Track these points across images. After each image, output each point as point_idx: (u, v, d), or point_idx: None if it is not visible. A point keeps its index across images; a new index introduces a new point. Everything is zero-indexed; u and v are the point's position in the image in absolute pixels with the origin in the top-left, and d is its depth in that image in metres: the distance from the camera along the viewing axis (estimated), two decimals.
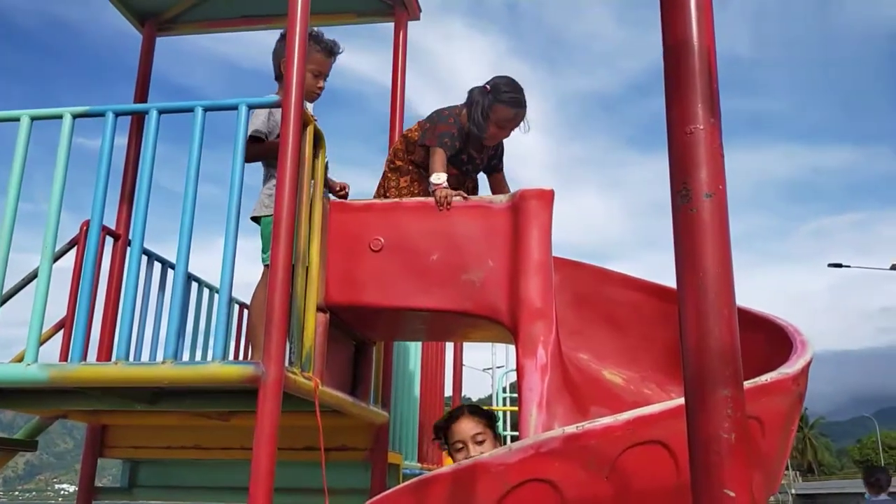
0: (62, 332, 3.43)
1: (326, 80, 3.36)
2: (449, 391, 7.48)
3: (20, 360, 2.69)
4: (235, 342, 4.39)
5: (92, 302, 2.86)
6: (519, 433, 2.65)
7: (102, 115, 2.81)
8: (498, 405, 11.81)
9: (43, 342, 2.88)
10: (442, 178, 3.22)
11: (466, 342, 7.00)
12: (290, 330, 2.59)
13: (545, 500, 2.11)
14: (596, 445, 2.10)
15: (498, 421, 2.99)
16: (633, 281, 3.49)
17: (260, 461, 2.30)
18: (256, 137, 3.11)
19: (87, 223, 3.13)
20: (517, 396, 2.86)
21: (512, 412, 11.27)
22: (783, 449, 2.54)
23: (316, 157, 2.91)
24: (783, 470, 2.75)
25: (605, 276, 3.53)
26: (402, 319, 3.42)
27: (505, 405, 11.73)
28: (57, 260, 3.12)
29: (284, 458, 2.57)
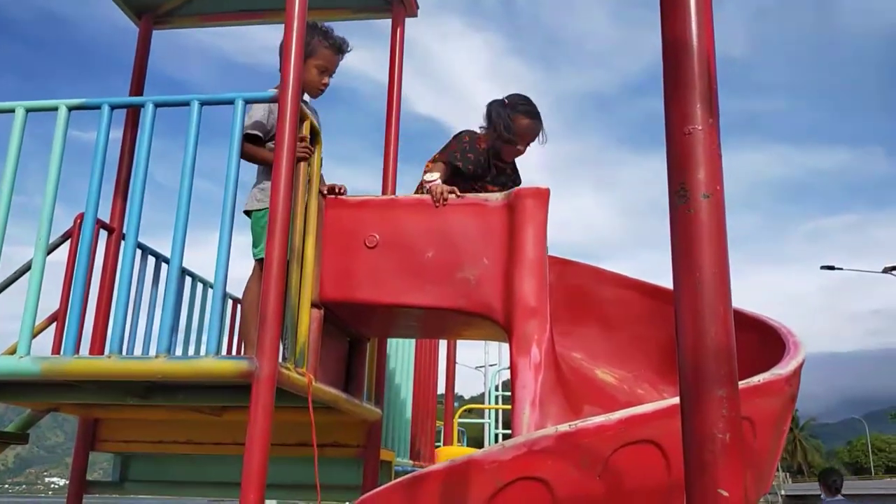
0: (55, 325, 3.41)
1: (332, 77, 3.34)
2: (442, 389, 7.49)
3: (12, 352, 2.68)
4: (229, 337, 4.38)
5: (85, 295, 2.85)
6: (512, 431, 2.65)
7: (98, 107, 2.80)
8: (490, 404, 11.83)
9: (35, 335, 2.86)
10: (435, 176, 3.25)
11: (460, 340, 7.00)
12: (284, 325, 2.59)
13: (537, 498, 2.11)
14: (589, 444, 2.11)
15: None
16: (626, 280, 3.50)
17: (252, 456, 2.30)
18: (255, 136, 3.09)
19: (81, 216, 3.12)
20: (510, 395, 2.87)
21: (504, 410, 11.29)
22: (775, 449, 2.55)
23: (312, 152, 2.91)
24: (774, 470, 2.76)
25: (598, 275, 3.53)
26: (396, 316, 3.41)
27: (497, 404, 11.76)
28: (50, 253, 3.11)
29: (277, 453, 2.57)
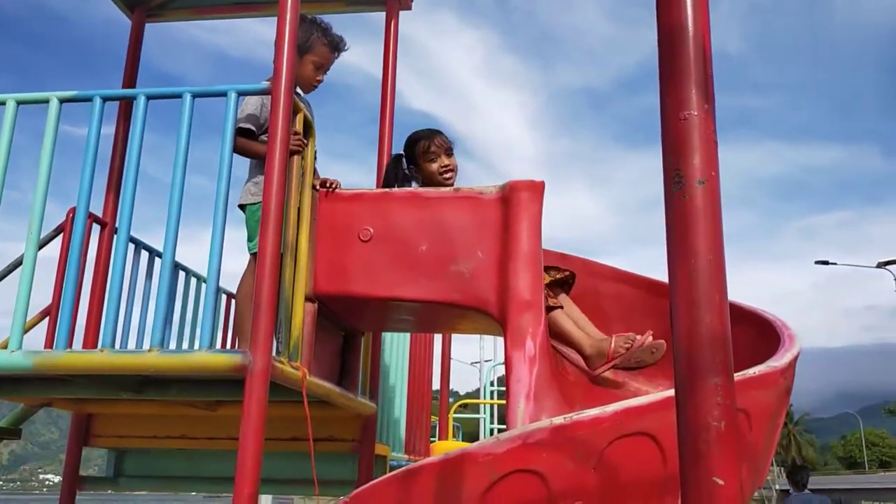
0: (47, 319, 3.40)
1: (326, 74, 3.34)
2: (437, 384, 7.50)
3: (4, 346, 2.66)
4: (223, 332, 4.37)
5: (78, 289, 2.83)
6: (507, 424, 2.64)
7: (90, 100, 2.78)
8: (486, 399, 11.85)
9: (28, 330, 2.85)
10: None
11: (455, 333, 7.00)
12: (277, 319, 2.58)
13: (532, 490, 2.11)
14: (583, 437, 2.10)
15: None
16: (620, 273, 3.50)
17: (246, 451, 2.28)
18: (247, 130, 3.07)
19: (73, 210, 3.10)
20: (505, 389, 2.86)
21: (500, 406, 11.30)
22: (769, 442, 2.56)
23: (306, 145, 2.89)
24: (769, 464, 2.77)
25: (592, 268, 3.53)
26: (390, 310, 3.40)
27: (493, 399, 11.78)
28: (42, 247, 3.09)
29: (271, 448, 2.56)
